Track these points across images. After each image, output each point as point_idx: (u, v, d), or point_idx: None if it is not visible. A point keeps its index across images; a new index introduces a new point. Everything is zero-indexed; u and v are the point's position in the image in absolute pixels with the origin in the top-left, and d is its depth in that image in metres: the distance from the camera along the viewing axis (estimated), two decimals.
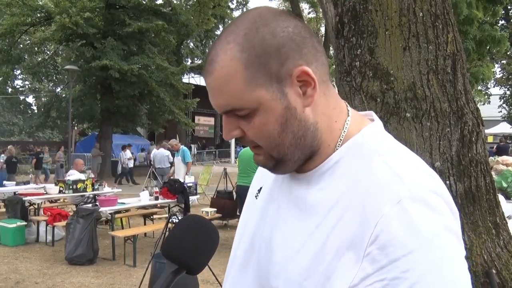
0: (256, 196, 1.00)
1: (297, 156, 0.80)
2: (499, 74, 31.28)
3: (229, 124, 0.80)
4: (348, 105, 0.87)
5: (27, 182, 11.13)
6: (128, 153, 19.24)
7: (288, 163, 0.81)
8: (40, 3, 21.23)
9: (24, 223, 7.85)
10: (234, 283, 0.94)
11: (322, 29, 33.97)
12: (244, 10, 36.87)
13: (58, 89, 29.47)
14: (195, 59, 34.79)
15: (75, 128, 33.25)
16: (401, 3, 2.55)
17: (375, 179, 0.74)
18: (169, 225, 5.09)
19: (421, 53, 2.51)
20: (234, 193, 9.20)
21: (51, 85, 34.34)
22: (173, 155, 14.06)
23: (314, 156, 0.82)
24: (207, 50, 34.35)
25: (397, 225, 0.68)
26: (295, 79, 0.76)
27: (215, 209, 8.22)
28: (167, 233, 5.06)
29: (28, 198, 8.40)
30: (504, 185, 9.11)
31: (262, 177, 1.03)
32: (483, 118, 2.66)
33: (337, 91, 0.90)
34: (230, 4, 33.95)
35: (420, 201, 0.70)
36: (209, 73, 0.77)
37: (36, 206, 8.73)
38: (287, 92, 0.76)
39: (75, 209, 8.36)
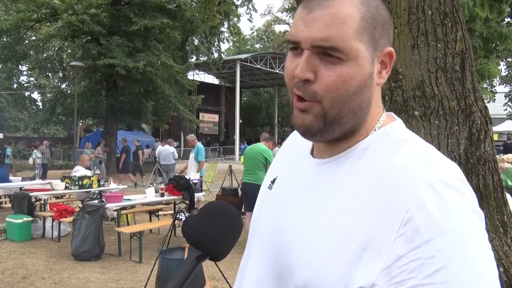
0: (269, 187, 1.00)
1: (347, 125, 0.82)
2: (505, 72, 31.16)
3: (308, 63, 0.78)
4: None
5: (33, 178, 11.20)
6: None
7: (336, 129, 0.81)
8: None
9: (31, 218, 7.90)
10: (250, 275, 0.94)
11: None
12: (250, 6, 36.81)
13: (63, 85, 29.54)
14: (200, 55, 34.80)
15: (80, 124, 33.35)
16: (410, 1, 2.55)
17: (404, 164, 0.76)
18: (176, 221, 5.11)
19: (430, 51, 2.51)
20: (239, 190, 9.22)
21: (56, 81, 34.45)
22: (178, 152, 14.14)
23: (349, 137, 0.84)
24: (212, 47, 34.38)
25: (431, 206, 0.70)
26: (382, 56, 0.82)
27: None
28: (173, 230, 5.09)
29: (35, 193, 8.44)
30: (510, 183, 9.07)
31: (276, 167, 1.03)
32: None
33: None
34: (235, 0, 33.86)
35: (450, 185, 0.73)
36: (323, 6, 0.77)
37: (42, 202, 8.77)
38: (375, 62, 0.81)
39: (80, 205, 8.40)
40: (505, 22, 21.64)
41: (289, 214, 0.88)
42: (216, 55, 34.30)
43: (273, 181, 1.00)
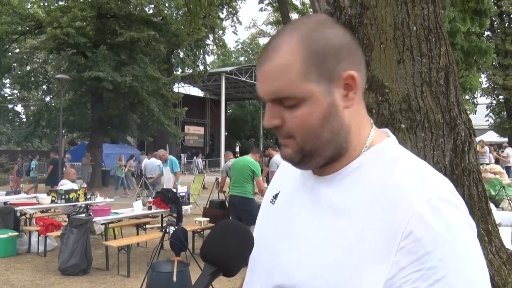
0: (272, 202, 1.04)
1: (327, 152, 0.86)
2: (486, 84, 31.68)
3: (272, 112, 0.85)
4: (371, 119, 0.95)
5: (18, 192, 11.06)
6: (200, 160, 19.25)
7: (316, 158, 0.86)
8: (31, 11, 21.17)
9: (16, 233, 7.79)
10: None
11: None
12: (234, 19, 37.01)
13: (48, 98, 29.31)
14: (186, 68, 34.82)
15: (65, 137, 33.03)
16: (396, 17, 2.63)
17: (402, 181, 0.81)
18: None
19: (415, 66, 2.59)
20: (226, 202, 9.21)
21: (40, 93, 34.16)
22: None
23: (340, 157, 0.88)
24: (197, 59, 34.44)
25: (430, 220, 0.75)
26: (343, 81, 0.84)
27: (208, 219, 8.24)
28: (163, 243, 5.08)
29: (20, 208, 8.34)
30: (493, 193, 9.23)
31: (279, 183, 1.07)
32: None
33: None
34: (220, 14, 34.03)
35: (445, 200, 0.78)
36: (269, 60, 0.84)
37: (27, 216, 8.66)
38: (334, 91, 0.84)
39: (67, 218, 8.33)
40: (485, 36, 22.11)
41: (292, 230, 0.91)
42: (201, 67, 34.37)
43: (275, 196, 1.04)
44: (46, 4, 22.47)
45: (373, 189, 0.83)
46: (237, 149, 33.26)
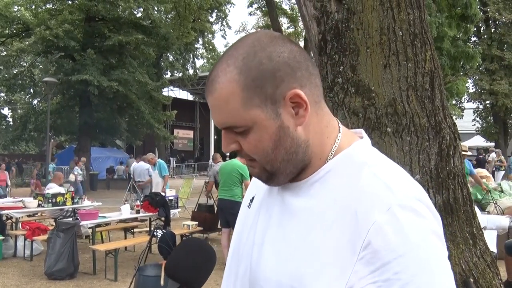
0: (248, 206, 1.04)
1: (289, 170, 0.86)
2: (472, 89, 32.01)
3: (228, 138, 0.87)
4: (340, 122, 0.94)
5: (4, 196, 10.95)
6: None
7: (280, 176, 0.87)
8: (18, 14, 21.00)
9: (1, 237, 7.71)
10: None
11: (301, 44, 34.28)
12: (224, 23, 37.09)
13: (35, 101, 29.07)
14: (175, 72, 34.76)
15: (52, 140, 32.77)
16: (382, 23, 2.66)
17: (365, 188, 0.80)
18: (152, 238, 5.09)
19: (401, 70, 2.61)
20: (215, 206, 9.20)
21: (27, 96, 33.85)
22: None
23: (306, 168, 0.88)
24: (187, 63, 34.42)
25: (388, 231, 0.75)
26: (288, 101, 0.83)
27: (196, 222, 8.22)
28: (150, 246, 5.06)
29: (6, 211, 8.25)
30: (479, 197, 9.34)
31: (255, 187, 1.07)
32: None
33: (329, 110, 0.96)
34: (209, 17, 34.05)
35: (408, 208, 0.77)
36: (210, 93, 0.84)
37: (14, 220, 8.57)
38: (281, 112, 0.83)
39: (53, 223, 8.25)
40: (471, 42, 22.38)
41: (261, 233, 0.92)
42: (191, 71, 34.34)
43: (252, 200, 1.04)
44: (33, 7, 22.30)
45: (337, 196, 0.82)
46: (227, 153, 33.32)
